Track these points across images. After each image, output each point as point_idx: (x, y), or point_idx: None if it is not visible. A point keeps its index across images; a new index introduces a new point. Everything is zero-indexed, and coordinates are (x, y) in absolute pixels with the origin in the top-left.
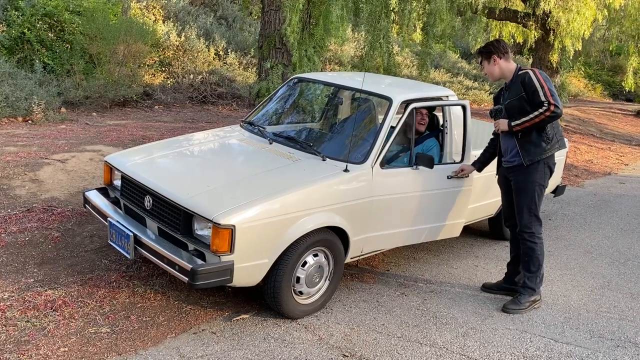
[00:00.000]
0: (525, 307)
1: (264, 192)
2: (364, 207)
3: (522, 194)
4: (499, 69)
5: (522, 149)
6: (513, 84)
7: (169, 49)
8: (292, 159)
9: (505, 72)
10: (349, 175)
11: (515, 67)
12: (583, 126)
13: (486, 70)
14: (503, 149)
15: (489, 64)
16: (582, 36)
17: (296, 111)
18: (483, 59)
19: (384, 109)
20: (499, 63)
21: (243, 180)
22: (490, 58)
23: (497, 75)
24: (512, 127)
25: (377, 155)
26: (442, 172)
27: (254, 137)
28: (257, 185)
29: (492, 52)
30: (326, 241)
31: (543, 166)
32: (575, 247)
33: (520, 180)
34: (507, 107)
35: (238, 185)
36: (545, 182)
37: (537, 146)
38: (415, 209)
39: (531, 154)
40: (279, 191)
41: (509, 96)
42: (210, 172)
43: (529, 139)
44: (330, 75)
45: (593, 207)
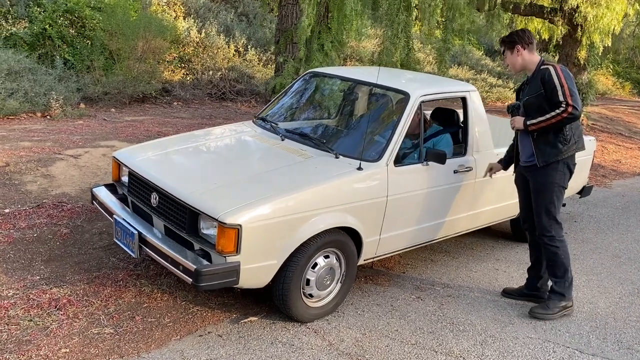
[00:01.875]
0: (554, 313)
1: (273, 190)
2: (378, 207)
3: (540, 195)
4: (521, 61)
5: (537, 149)
6: (534, 79)
7: (188, 46)
8: (303, 157)
9: (528, 64)
10: (362, 174)
11: (539, 60)
12: (611, 125)
13: (508, 60)
14: (520, 148)
15: (512, 55)
16: (611, 32)
17: (310, 107)
18: (506, 49)
19: (402, 104)
20: (522, 54)
21: (252, 178)
22: (514, 48)
23: (519, 67)
24: (528, 126)
25: (392, 153)
26: (449, 166)
27: (266, 133)
28: (266, 183)
29: (515, 41)
30: (338, 242)
31: (562, 166)
32: (602, 250)
33: (538, 181)
34: (525, 104)
35: (246, 183)
36: (565, 183)
37: (553, 147)
38: (429, 206)
39: (545, 155)
40: (289, 190)
41: (528, 92)
42: (218, 169)
43: (545, 139)
44: (345, 69)
45: (621, 208)
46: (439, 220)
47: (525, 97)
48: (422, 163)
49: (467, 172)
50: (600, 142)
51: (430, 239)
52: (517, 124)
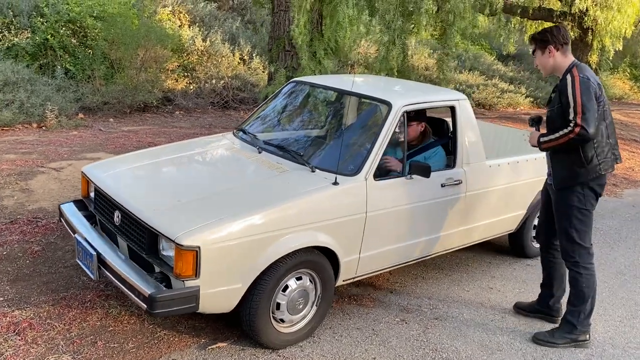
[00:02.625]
0: (560, 343)
1: (239, 208)
2: (356, 224)
3: (559, 217)
4: (553, 63)
5: (553, 170)
6: (558, 87)
7: (192, 54)
8: (278, 170)
9: (560, 67)
10: (338, 189)
11: (570, 63)
12: (625, 131)
13: (538, 61)
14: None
15: (543, 55)
16: (623, 35)
17: (292, 117)
18: (537, 48)
19: (383, 114)
20: (554, 55)
21: (219, 194)
22: (546, 48)
23: (550, 69)
24: (540, 144)
25: (371, 166)
26: (436, 180)
27: (244, 145)
28: (234, 200)
29: (548, 41)
30: (312, 263)
31: (583, 188)
32: (607, 266)
33: (557, 201)
34: (547, 117)
35: (212, 200)
36: (588, 205)
37: (569, 170)
38: (414, 222)
39: (559, 179)
40: (256, 207)
41: (552, 104)
42: (185, 185)
43: (560, 160)
44: (329, 78)
45: (631, 220)
46: (427, 237)
47: (548, 109)
48: (405, 176)
49: (457, 185)
50: None
51: (418, 257)
52: (531, 140)
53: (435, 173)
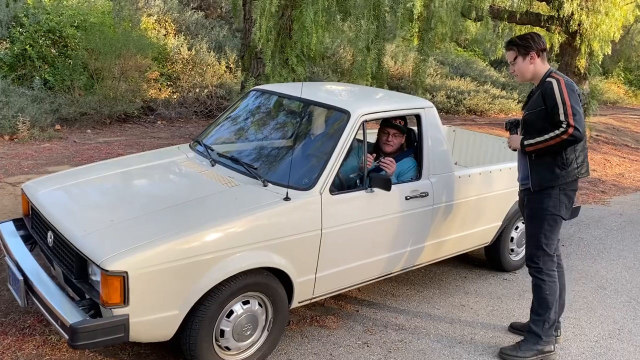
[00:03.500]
0: (527, 356)
1: (176, 227)
2: (310, 242)
3: (530, 222)
4: (533, 69)
5: (533, 173)
6: (537, 91)
7: (177, 63)
8: (228, 185)
9: (539, 74)
10: (290, 205)
11: (547, 70)
12: (617, 135)
13: (518, 68)
14: (518, 167)
15: (524, 62)
16: (611, 39)
17: (249, 127)
18: (518, 55)
19: (341, 124)
20: (535, 62)
21: (157, 212)
22: (528, 54)
23: (530, 76)
24: (525, 146)
25: (327, 179)
26: (399, 192)
27: (198, 158)
28: (172, 218)
29: (530, 47)
30: (260, 285)
31: (558, 193)
32: (588, 280)
33: (531, 206)
34: (525, 119)
35: (148, 219)
36: (561, 212)
37: (550, 171)
38: (377, 238)
39: (541, 180)
40: (195, 226)
41: (530, 106)
42: (124, 202)
43: (542, 162)
44: (291, 85)
45: (616, 229)
46: (392, 253)
47: (526, 112)
48: (366, 190)
49: (422, 198)
50: (603, 155)
51: (384, 273)
52: (513, 144)
53: (399, 185)
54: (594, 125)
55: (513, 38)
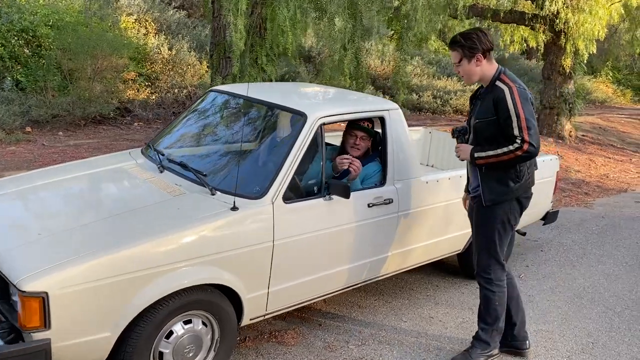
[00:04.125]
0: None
1: (106, 241)
2: (261, 255)
3: (481, 231)
4: (480, 72)
5: (485, 186)
6: (487, 94)
7: (156, 63)
8: (173, 194)
9: (487, 75)
10: (237, 215)
11: (496, 69)
12: (603, 135)
13: (463, 70)
14: (469, 174)
15: (470, 64)
16: (596, 38)
17: (204, 130)
18: (463, 57)
19: (296, 127)
20: (482, 63)
21: (90, 225)
22: (474, 56)
23: (476, 79)
24: (475, 158)
25: (280, 187)
26: (361, 199)
27: (148, 163)
28: (105, 231)
29: (476, 48)
30: (204, 303)
31: (511, 203)
32: (564, 289)
33: (482, 215)
34: (475, 128)
35: (79, 232)
36: (513, 220)
37: (503, 185)
38: (337, 248)
39: (493, 194)
40: (126, 241)
41: (479, 112)
42: (57, 214)
43: (494, 176)
44: (251, 86)
45: (597, 233)
46: (354, 264)
47: (475, 120)
48: (324, 197)
49: (386, 205)
50: (588, 155)
51: (346, 285)
52: (462, 154)
53: (361, 192)
54: (580, 125)
55: (457, 37)
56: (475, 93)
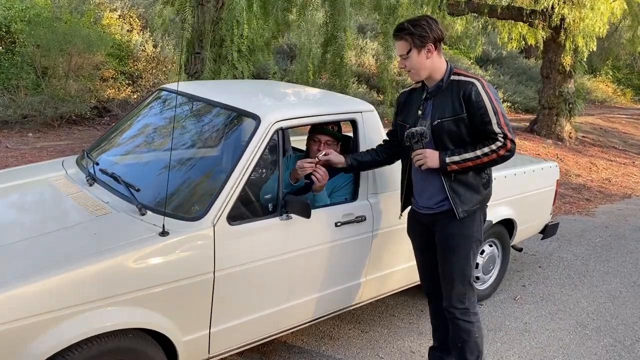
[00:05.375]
0: None
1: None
2: (199, 289)
3: (452, 254)
4: (430, 65)
5: (454, 195)
6: (443, 92)
7: (140, 61)
8: (98, 213)
9: (438, 70)
10: (168, 242)
11: (446, 66)
12: (604, 137)
13: (411, 63)
14: (418, 188)
15: (419, 55)
16: (597, 35)
17: (148, 136)
18: (413, 47)
19: (247, 132)
20: (433, 55)
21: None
22: (424, 46)
23: (425, 74)
24: (447, 165)
25: (224, 205)
26: (327, 218)
27: (79, 175)
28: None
29: (427, 36)
30: (123, 351)
31: (480, 214)
32: (565, 314)
33: (451, 234)
34: (437, 130)
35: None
36: (482, 236)
37: (475, 191)
38: (296, 277)
39: (467, 203)
40: (26, 275)
41: (438, 112)
42: None
43: (465, 181)
44: (202, 84)
45: (601, 246)
46: (319, 294)
47: (436, 120)
48: (280, 216)
49: (359, 223)
50: (589, 158)
51: (310, 319)
52: (429, 161)
53: (327, 209)
54: (580, 125)
55: (404, 24)
56: (410, 95)
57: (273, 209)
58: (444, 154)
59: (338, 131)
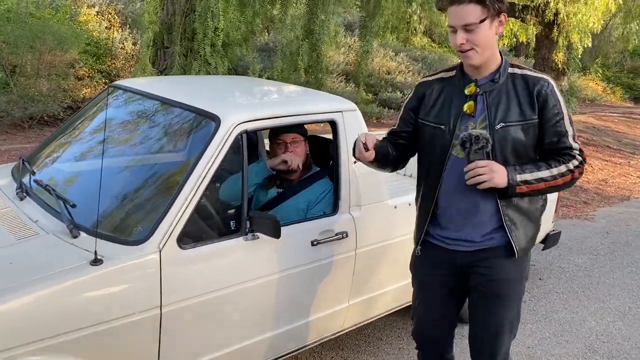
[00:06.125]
0: None
1: None
2: (143, 329)
3: (503, 305)
4: (494, 46)
5: (513, 225)
6: (499, 88)
7: (118, 58)
8: (20, 235)
9: (494, 57)
10: (101, 272)
11: (501, 57)
12: (598, 136)
13: (479, 37)
14: (452, 213)
15: (491, 27)
16: (591, 30)
17: (96, 139)
18: (488, 15)
19: (205, 136)
20: (499, 31)
21: None
22: (499, 16)
23: (487, 56)
24: (517, 185)
25: (173, 225)
26: (302, 236)
27: (10, 187)
28: None
29: (503, 3)
30: None
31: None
32: (571, 336)
33: (504, 280)
34: (500, 137)
35: None
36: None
37: (532, 220)
38: (261, 308)
39: (528, 239)
40: None
41: (499, 114)
42: None
43: (521, 207)
44: (161, 80)
45: (603, 255)
46: (294, 325)
47: (499, 124)
48: (244, 236)
49: (340, 240)
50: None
51: (285, 352)
52: (497, 178)
53: (302, 225)
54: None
55: None
56: (438, 85)
57: (236, 228)
58: (513, 170)
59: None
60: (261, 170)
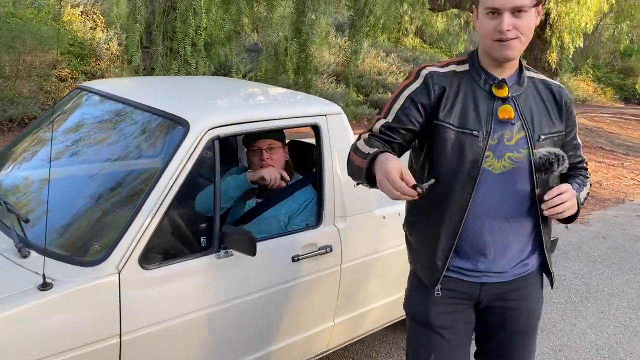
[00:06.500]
0: None
1: None
2: (100, 359)
3: (530, 337)
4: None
5: (547, 250)
6: (524, 92)
7: (103, 59)
8: None
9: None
10: (51, 297)
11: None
12: (590, 137)
13: (526, 24)
14: (486, 242)
15: (536, 17)
16: (583, 30)
17: (64, 144)
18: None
19: (173, 143)
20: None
21: None
22: (541, 4)
23: (522, 47)
24: (581, 206)
25: (134, 243)
26: (282, 251)
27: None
28: None
29: None
30: None
31: None
32: (572, 351)
33: (534, 310)
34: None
35: None
36: None
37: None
38: (234, 333)
39: (551, 263)
40: None
41: (534, 123)
42: None
43: (549, 228)
44: (132, 82)
45: (600, 262)
46: (273, 348)
47: (539, 135)
48: (217, 254)
49: (323, 255)
50: None
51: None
52: (571, 202)
53: (282, 240)
54: None
55: None
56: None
57: (207, 244)
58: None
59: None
60: (241, 184)
